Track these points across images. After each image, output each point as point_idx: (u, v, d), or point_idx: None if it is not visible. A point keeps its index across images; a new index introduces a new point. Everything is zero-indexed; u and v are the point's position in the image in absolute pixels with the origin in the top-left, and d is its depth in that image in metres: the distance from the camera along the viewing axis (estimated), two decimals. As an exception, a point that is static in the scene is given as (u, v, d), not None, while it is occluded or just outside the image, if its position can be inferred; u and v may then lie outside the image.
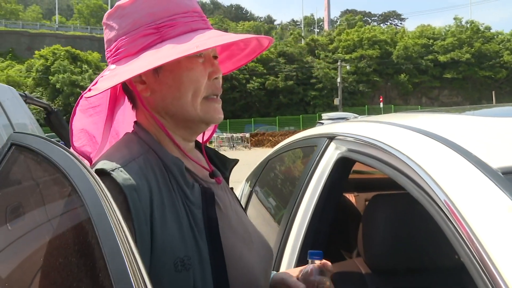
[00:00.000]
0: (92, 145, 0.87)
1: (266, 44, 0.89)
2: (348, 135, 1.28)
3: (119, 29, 0.77)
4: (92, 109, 0.85)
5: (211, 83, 0.78)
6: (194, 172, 0.79)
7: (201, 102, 0.77)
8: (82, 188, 0.57)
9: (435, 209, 0.67)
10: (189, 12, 0.77)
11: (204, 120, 0.79)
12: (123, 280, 0.42)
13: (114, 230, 0.48)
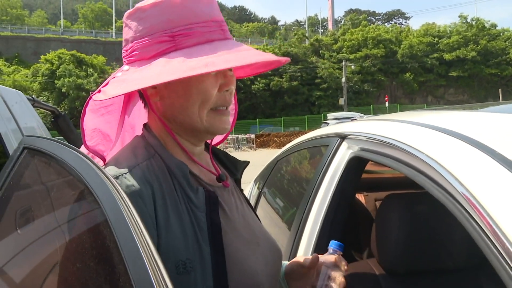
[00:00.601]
0: (105, 144, 0.88)
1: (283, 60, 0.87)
2: (360, 134, 1.26)
3: (136, 31, 0.77)
4: (103, 109, 0.85)
5: (221, 95, 0.77)
6: (199, 176, 0.80)
7: (207, 113, 0.77)
8: (98, 190, 0.56)
9: (458, 208, 0.65)
10: (207, 22, 0.75)
11: (209, 131, 0.79)
12: (145, 285, 0.41)
13: (133, 233, 0.47)
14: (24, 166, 0.86)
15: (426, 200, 1.30)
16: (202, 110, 0.76)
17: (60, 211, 0.75)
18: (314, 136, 1.78)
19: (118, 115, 0.88)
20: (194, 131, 0.80)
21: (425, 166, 0.77)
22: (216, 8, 0.78)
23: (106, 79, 0.82)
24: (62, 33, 47.64)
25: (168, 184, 0.74)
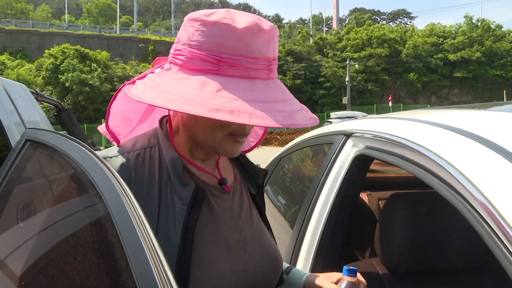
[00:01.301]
0: (125, 127, 0.92)
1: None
2: (366, 132, 1.25)
3: (190, 39, 0.75)
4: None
5: (242, 126, 0.79)
6: (196, 175, 0.83)
7: (224, 136, 0.79)
8: (100, 183, 0.55)
9: (468, 208, 0.64)
10: (257, 58, 0.74)
11: (217, 151, 0.82)
12: (147, 280, 0.40)
13: (135, 226, 0.46)
14: (26, 158, 0.85)
15: (431, 199, 1.29)
16: (220, 133, 0.78)
17: (62, 204, 0.75)
18: (318, 134, 1.77)
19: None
20: (204, 146, 0.82)
21: (434, 165, 0.76)
22: (272, 47, 0.77)
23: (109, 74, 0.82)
24: (67, 28, 47.63)
25: (155, 174, 0.78)
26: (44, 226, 0.75)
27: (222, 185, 0.85)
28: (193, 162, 0.84)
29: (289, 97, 0.77)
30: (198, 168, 0.84)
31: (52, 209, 0.76)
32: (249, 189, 0.93)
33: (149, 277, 0.41)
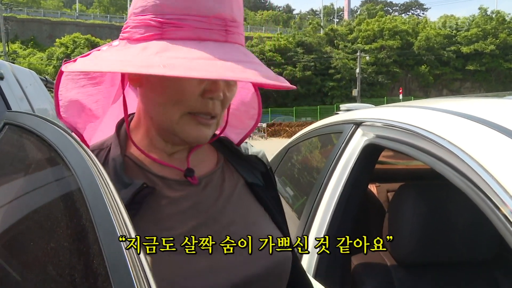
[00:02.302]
0: (84, 118, 0.81)
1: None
2: (377, 120, 1.22)
3: (134, 7, 0.69)
4: (86, 80, 0.78)
5: (203, 101, 0.67)
6: (153, 171, 0.73)
7: (182, 115, 0.68)
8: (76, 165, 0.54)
9: (482, 198, 0.61)
10: (208, 17, 0.64)
11: (178, 135, 0.70)
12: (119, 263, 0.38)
13: (111, 214, 0.44)
14: (4, 142, 0.84)
15: (442, 190, 1.26)
16: (175, 111, 0.68)
17: (36, 188, 0.72)
18: (327, 123, 1.74)
19: (107, 89, 0.81)
20: (163, 131, 0.72)
21: (447, 154, 0.73)
22: (229, 5, 0.66)
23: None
24: (77, 17, 47.78)
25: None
26: (16, 210, 0.72)
27: (187, 176, 0.74)
28: (151, 156, 0.74)
29: (250, 59, 0.65)
30: (157, 161, 0.74)
31: (26, 192, 0.74)
32: (244, 177, 0.81)
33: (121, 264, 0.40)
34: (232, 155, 0.83)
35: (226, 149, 0.84)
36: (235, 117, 0.89)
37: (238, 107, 0.89)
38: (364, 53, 35.09)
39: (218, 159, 0.82)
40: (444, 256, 1.29)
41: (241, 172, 0.81)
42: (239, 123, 0.90)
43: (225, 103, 0.71)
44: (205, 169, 0.78)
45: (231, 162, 0.82)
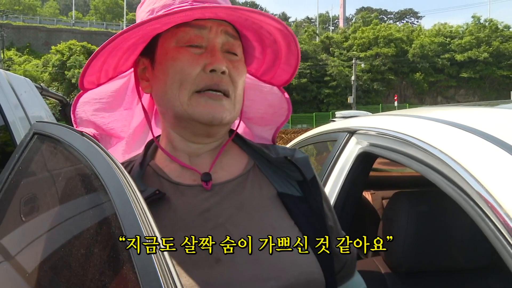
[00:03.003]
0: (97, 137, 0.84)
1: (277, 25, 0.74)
2: (370, 129, 1.24)
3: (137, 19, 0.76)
4: (99, 104, 0.83)
5: (206, 75, 0.68)
6: (170, 177, 0.73)
7: (191, 96, 0.68)
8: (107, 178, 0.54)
9: (472, 206, 0.62)
10: (188, 1, 0.71)
11: (192, 117, 0.69)
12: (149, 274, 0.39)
13: (140, 222, 0.45)
14: (33, 151, 0.85)
15: (435, 198, 1.27)
16: (182, 92, 0.68)
17: (66, 198, 0.74)
18: (322, 131, 1.75)
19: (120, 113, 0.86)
20: (180, 120, 0.71)
21: (439, 162, 0.74)
22: None
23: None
24: (74, 24, 47.86)
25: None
26: (47, 220, 0.75)
27: (203, 181, 0.72)
28: (172, 156, 0.75)
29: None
30: (178, 162, 0.74)
31: (56, 202, 0.76)
32: (275, 187, 0.75)
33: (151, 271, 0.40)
34: (266, 163, 0.79)
35: (259, 156, 0.80)
36: (264, 120, 0.90)
37: (266, 110, 0.89)
38: (360, 61, 35.35)
39: (246, 166, 0.78)
40: (438, 264, 1.30)
41: (272, 181, 0.76)
42: (270, 121, 0.90)
43: (234, 80, 0.71)
44: (226, 176, 0.75)
45: (263, 170, 0.78)
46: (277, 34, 0.76)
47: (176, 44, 0.70)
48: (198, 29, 0.70)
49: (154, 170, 0.74)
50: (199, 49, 0.70)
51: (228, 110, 0.70)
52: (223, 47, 0.72)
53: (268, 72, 0.85)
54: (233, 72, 0.71)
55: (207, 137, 0.74)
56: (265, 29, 0.75)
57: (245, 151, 0.81)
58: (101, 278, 0.50)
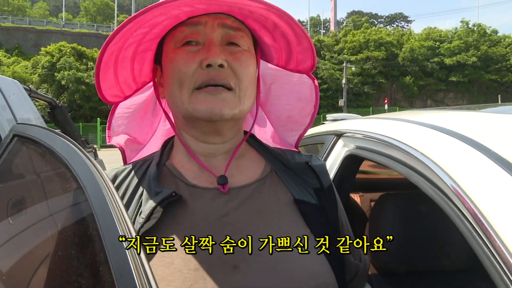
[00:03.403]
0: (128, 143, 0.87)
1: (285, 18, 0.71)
2: (357, 132, 1.25)
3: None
4: (130, 116, 0.87)
5: (204, 72, 0.68)
6: (187, 179, 0.72)
7: (191, 94, 0.68)
8: (85, 180, 0.55)
9: (452, 207, 0.64)
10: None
11: (193, 114, 0.69)
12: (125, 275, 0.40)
13: (117, 224, 0.46)
14: (13, 153, 0.85)
15: (420, 200, 1.29)
16: (183, 91, 0.69)
17: (48, 201, 0.74)
18: (311, 134, 1.77)
19: (149, 119, 0.89)
20: (186, 120, 0.73)
21: (420, 165, 0.76)
22: None
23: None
24: (64, 25, 47.52)
25: (129, 191, 0.70)
26: (25, 221, 0.75)
27: (219, 184, 0.71)
28: (194, 156, 0.74)
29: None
30: (196, 161, 0.74)
31: (39, 206, 0.76)
32: (292, 193, 0.74)
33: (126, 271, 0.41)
34: (283, 168, 0.78)
35: (276, 161, 0.79)
36: (291, 119, 0.87)
37: (293, 107, 0.86)
38: (350, 64, 35.58)
39: (264, 170, 0.77)
40: (423, 265, 1.32)
41: (289, 187, 0.75)
42: (294, 125, 0.88)
43: (237, 72, 0.69)
44: (244, 180, 0.74)
45: (280, 176, 0.76)
46: (272, 16, 0.73)
47: (174, 45, 0.71)
48: (193, 25, 0.70)
49: (170, 171, 0.74)
50: (196, 46, 0.70)
51: (229, 104, 0.68)
52: (223, 40, 0.71)
53: (290, 60, 0.82)
54: (234, 64, 0.69)
55: (216, 135, 0.73)
56: (256, 13, 0.72)
57: (262, 155, 0.80)
58: (78, 278, 0.51)
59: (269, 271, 0.63)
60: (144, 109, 0.88)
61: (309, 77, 0.85)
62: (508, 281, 0.51)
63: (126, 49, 0.71)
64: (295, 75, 0.85)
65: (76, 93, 29.15)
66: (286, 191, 0.74)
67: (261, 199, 0.71)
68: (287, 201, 0.73)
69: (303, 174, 0.78)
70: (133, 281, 0.38)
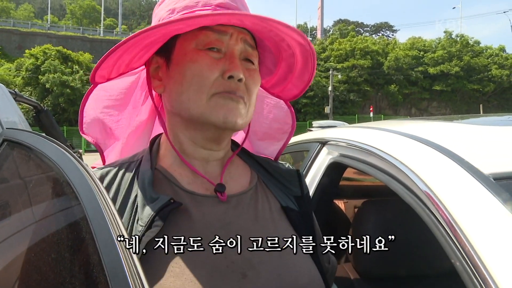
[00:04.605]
0: (105, 136, 0.85)
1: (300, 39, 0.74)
2: (340, 140, 1.29)
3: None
4: (108, 101, 0.83)
5: (225, 82, 0.68)
6: (182, 185, 0.71)
7: (209, 98, 0.68)
8: (77, 183, 0.57)
9: (428, 215, 0.68)
10: (211, 6, 0.70)
11: (207, 119, 0.68)
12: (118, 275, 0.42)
13: (110, 227, 0.48)
14: (3, 158, 0.86)
15: (401, 206, 1.33)
16: (199, 94, 0.68)
17: (38, 205, 0.75)
18: (296, 141, 1.81)
19: (129, 112, 0.85)
20: (194, 122, 0.71)
21: (398, 172, 0.80)
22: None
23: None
24: (49, 28, 46.94)
25: (121, 193, 0.68)
26: (19, 226, 0.76)
27: (216, 192, 0.71)
28: (185, 161, 0.73)
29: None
30: (191, 168, 0.73)
31: (28, 209, 0.77)
32: (279, 201, 0.77)
33: (120, 272, 0.43)
34: (267, 175, 0.80)
35: (261, 169, 0.81)
36: (267, 135, 0.91)
37: (271, 125, 0.90)
38: (336, 72, 35.95)
39: (252, 178, 0.78)
40: (405, 270, 1.36)
41: (275, 195, 0.77)
42: (271, 139, 0.91)
43: (249, 88, 0.71)
44: (237, 187, 0.75)
45: (266, 183, 0.79)
46: (297, 49, 0.77)
47: (196, 46, 0.69)
48: (220, 34, 0.69)
49: (164, 175, 0.72)
50: (218, 53, 0.70)
51: (242, 115, 0.70)
52: (241, 55, 0.72)
53: (278, 85, 0.85)
54: (249, 81, 0.71)
55: (217, 143, 0.74)
56: (286, 41, 0.75)
57: (246, 162, 0.82)
58: (71, 280, 0.52)
59: (276, 278, 0.65)
60: (126, 98, 0.84)
61: (286, 104, 0.90)
62: (477, 283, 0.54)
63: (148, 38, 0.69)
64: (274, 99, 0.89)
65: (60, 97, 28.76)
66: (273, 198, 0.77)
67: (257, 207, 0.73)
68: (276, 208, 0.75)
69: (288, 182, 0.81)
70: (127, 281, 0.40)
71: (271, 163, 0.83)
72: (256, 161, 0.82)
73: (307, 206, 0.81)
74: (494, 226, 0.56)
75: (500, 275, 0.51)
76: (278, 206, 0.76)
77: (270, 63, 0.82)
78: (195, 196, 0.70)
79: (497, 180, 0.61)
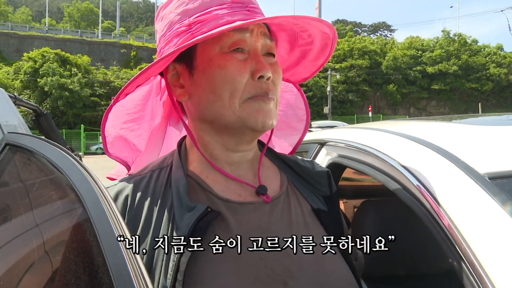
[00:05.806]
0: (130, 152, 0.82)
1: (327, 30, 0.72)
2: (339, 141, 1.30)
3: (160, 32, 0.73)
4: (127, 115, 0.80)
5: (255, 83, 0.66)
6: (216, 193, 0.69)
7: (242, 103, 0.66)
8: (80, 186, 0.58)
9: (425, 214, 0.69)
10: (226, 3, 0.67)
11: (245, 124, 0.66)
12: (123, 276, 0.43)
13: (114, 228, 0.49)
14: (5, 162, 0.87)
15: (400, 206, 1.34)
16: (233, 100, 0.66)
17: (42, 208, 0.76)
18: (295, 142, 1.82)
19: (148, 123, 0.83)
20: (229, 129, 0.68)
21: (395, 172, 0.81)
22: None
23: (89, 79, 0.80)
24: (47, 31, 46.91)
25: (157, 200, 0.66)
26: (22, 229, 0.76)
27: (260, 194, 0.69)
28: (216, 166, 0.71)
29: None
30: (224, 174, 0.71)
31: (31, 212, 0.78)
32: (310, 203, 0.75)
33: (124, 273, 0.44)
34: (296, 176, 0.78)
35: (290, 170, 0.79)
36: (284, 123, 0.89)
37: (285, 111, 0.89)
38: (335, 72, 35.99)
39: (282, 181, 0.76)
40: (404, 269, 1.37)
41: (305, 196, 0.75)
42: (290, 128, 0.90)
43: (276, 83, 0.70)
44: (270, 191, 0.72)
45: (295, 185, 0.77)
46: (318, 37, 0.75)
47: (220, 49, 0.67)
48: (241, 32, 0.67)
49: (197, 182, 0.70)
50: (243, 54, 0.67)
51: (274, 115, 0.69)
52: (263, 50, 0.70)
53: (288, 70, 0.84)
54: (274, 75, 0.70)
55: (249, 143, 0.72)
56: (308, 32, 0.73)
57: (273, 162, 0.80)
58: (77, 281, 0.53)
59: (316, 286, 0.64)
60: (142, 110, 0.81)
61: (296, 87, 0.89)
62: (474, 281, 0.55)
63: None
64: (283, 83, 0.87)
65: (59, 100, 28.75)
66: (304, 201, 0.75)
67: (290, 211, 0.71)
68: (308, 211, 0.73)
69: (316, 183, 0.78)
70: (131, 282, 0.41)
71: (299, 163, 0.80)
72: (283, 161, 0.80)
73: (336, 204, 0.79)
74: (489, 225, 0.57)
75: (496, 273, 0.52)
76: (309, 208, 0.74)
77: (283, 50, 0.81)
78: (230, 203, 0.68)
79: (492, 179, 0.63)
